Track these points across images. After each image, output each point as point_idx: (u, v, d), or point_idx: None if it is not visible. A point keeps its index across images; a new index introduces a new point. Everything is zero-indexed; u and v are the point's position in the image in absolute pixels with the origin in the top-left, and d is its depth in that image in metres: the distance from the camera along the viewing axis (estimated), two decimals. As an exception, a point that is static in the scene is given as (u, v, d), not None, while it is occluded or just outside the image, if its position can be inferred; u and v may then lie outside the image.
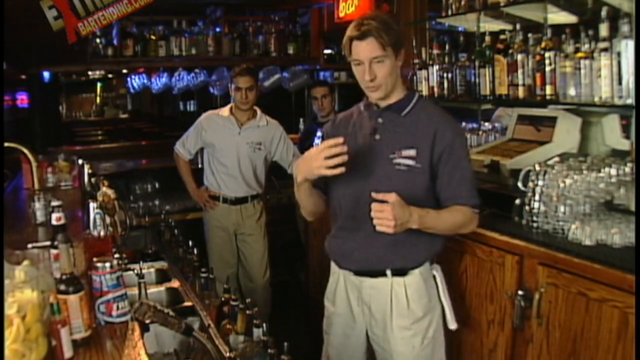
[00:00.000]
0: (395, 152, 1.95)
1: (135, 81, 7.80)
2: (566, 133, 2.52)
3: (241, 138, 3.53)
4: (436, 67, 3.07)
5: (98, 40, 5.05)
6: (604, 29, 2.07)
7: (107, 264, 1.66)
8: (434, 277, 2.09)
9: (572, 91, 2.22)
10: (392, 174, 1.95)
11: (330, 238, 2.16)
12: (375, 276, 2.03)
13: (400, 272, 2.02)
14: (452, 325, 2.11)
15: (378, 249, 1.99)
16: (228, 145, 3.53)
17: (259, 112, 3.61)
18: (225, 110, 3.60)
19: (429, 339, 2.04)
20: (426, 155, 1.94)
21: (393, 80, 1.95)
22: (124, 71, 8.24)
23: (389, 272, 2.02)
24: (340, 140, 1.80)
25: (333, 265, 2.17)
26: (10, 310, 1.28)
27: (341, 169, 1.80)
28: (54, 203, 1.87)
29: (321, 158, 1.80)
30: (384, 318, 2.04)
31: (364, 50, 1.87)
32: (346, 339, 2.16)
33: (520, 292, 2.08)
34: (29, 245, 2.12)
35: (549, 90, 2.33)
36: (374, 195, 1.82)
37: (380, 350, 2.12)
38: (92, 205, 2.29)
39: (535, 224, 2.18)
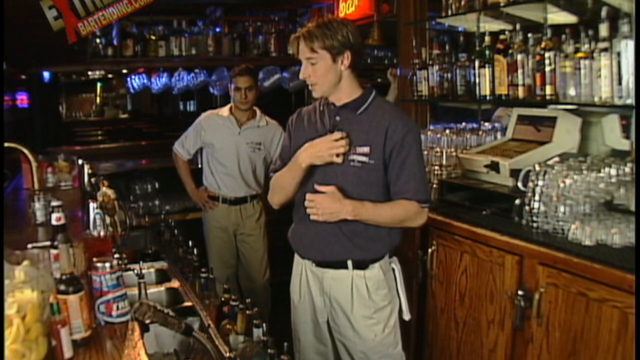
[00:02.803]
0: (350, 149, 2.04)
1: (135, 81, 7.78)
2: (566, 133, 2.52)
3: (241, 138, 3.53)
4: (436, 67, 3.07)
5: (98, 40, 5.05)
6: (603, 29, 2.07)
7: (107, 264, 1.67)
8: (393, 270, 2.19)
9: (572, 91, 2.22)
10: (347, 170, 2.05)
11: (293, 230, 2.25)
12: (336, 267, 2.12)
13: (361, 265, 2.10)
14: (407, 316, 2.22)
15: (337, 240, 2.08)
16: (227, 145, 3.53)
17: (258, 112, 3.60)
18: (224, 110, 3.60)
19: (390, 327, 2.15)
20: (379, 152, 2.03)
21: (331, 81, 2.06)
22: (124, 71, 8.22)
23: (350, 264, 2.10)
24: (339, 135, 2.01)
25: (296, 256, 2.26)
26: (10, 310, 1.28)
27: (341, 158, 2.01)
28: (54, 203, 1.86)
29: (332, 147, 1.99)
30: (345, 308, 2.12)
31: (300, 51, 2.06)
32: (315, 326, 2.23)
33: (520, 292, 2.09)
34: (29, 245, 2.12)
35: (548, 90, 2.32)
36: (316, 187, 2.02)
37: (342, 339, 2.17)
38: (92, 205, 2.29)
39: (535, 224, 2.18)
